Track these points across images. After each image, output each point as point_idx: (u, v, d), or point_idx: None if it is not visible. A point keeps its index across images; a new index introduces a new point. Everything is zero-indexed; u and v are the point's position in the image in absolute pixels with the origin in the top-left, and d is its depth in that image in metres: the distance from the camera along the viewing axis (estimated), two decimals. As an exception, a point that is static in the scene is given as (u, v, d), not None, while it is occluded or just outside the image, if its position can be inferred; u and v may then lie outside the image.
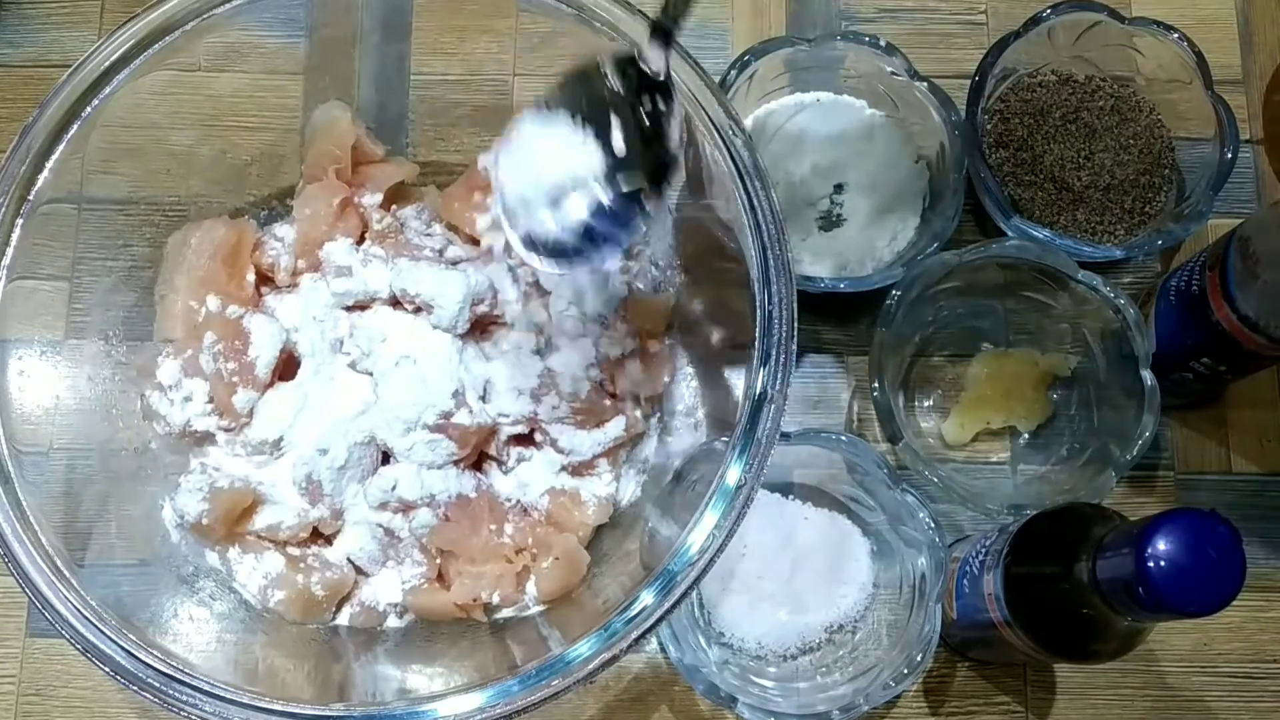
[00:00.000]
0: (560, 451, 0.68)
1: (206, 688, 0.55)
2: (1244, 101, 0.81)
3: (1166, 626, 0.71)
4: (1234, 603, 0.49)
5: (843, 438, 0.68)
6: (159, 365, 0.68)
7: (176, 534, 0.67)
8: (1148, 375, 0.68)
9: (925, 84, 0.74)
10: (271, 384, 0.68)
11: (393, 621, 0.68)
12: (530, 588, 0.67)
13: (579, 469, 0.69)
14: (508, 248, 0.56)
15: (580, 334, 0.68)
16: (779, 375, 0.57)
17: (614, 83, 0.53)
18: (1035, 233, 0.73)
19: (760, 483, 0.56)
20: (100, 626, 0.56)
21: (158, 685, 0.55)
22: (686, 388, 0.71)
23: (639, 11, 0.62)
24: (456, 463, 0.66)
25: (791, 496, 0.72)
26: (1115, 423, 0.71)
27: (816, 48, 0.75)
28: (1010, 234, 0.74)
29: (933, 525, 0.66)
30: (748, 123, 0.76)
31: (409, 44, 0.77)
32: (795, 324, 0.58)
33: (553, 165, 0.53)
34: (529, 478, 0.69)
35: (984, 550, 0.64)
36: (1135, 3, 0.82)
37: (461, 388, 0.66)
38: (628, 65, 0.53)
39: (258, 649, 0.65)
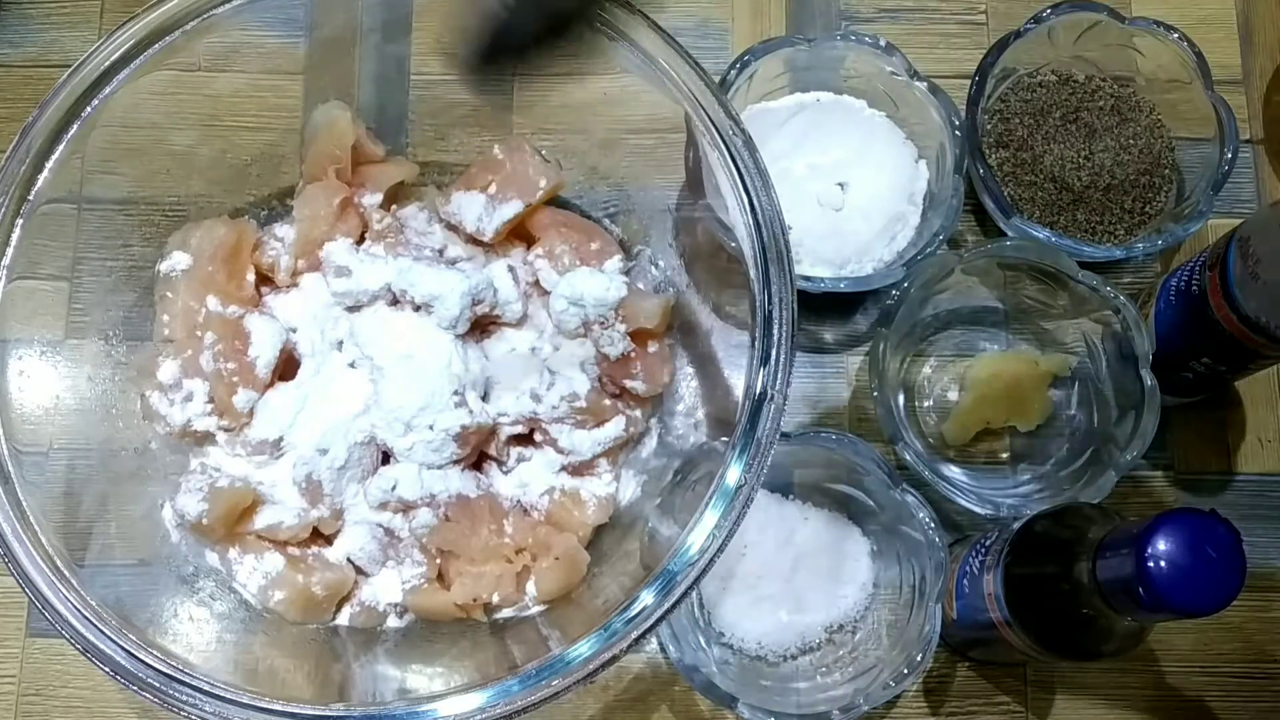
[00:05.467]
0: (560, 451, 0.68)
1: (206, 688, 0.55)
2: (1244, 101, 0.81)
3: (1166, 626, 0.71)
4: (1234, 603, 0.49)
5: (843, 438, 0.68)
6: (159, 365, 0.67)
7: (176, 534, 0.67)
8: (1148, 375, 0.68)
9: (925, 84, 0.74)
10: (271, 384, 0.68)
11: (393, 621, 0.68)
12: (530, 588, 0.67)
13: (579, 469, 0.69)
14: None
15: (580, 334, 0.68)
16: (779, 375, 0.57)
17: None
18: (1035, 233, 0.73)
19: (760, 483, 0.56)
20: (100, 626, 0.56)
21: (158, 685, 0.55)
22: (686, 388, 0.71)
23: (639, 12, 0.62)
24: (456, 463, 0.66)
25: (791, 496, 0.72)
26: (1115, 423, 0.71)
27: (816, 48, 0.75)
28: (1010, 234, 0.74)
29: (933, 525, 0.66)
30: (747, 122, 0.76)
31: (409, 44, 0.77)
32: (795, 324, 0.58)
33: None
34: (529, 478, 0.69)
35: (984, 550, 0.64)
36: (1135, 3, 0.82)
37: (461, 388, 0.66)
38: None
39: (258, 649, 0.65)
